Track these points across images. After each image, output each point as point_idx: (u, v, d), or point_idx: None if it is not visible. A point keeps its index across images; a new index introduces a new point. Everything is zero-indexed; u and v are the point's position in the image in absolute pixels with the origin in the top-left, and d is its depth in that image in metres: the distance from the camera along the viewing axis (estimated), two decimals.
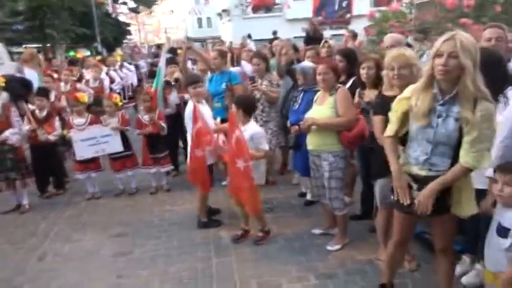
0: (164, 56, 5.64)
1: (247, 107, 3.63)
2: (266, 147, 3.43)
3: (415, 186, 2.17)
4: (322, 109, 3.28)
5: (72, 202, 5.03)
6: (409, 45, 4.14)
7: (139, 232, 4.07)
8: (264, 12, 25.89)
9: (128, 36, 30.59)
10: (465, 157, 1.99)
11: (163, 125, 4.94)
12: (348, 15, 24.08)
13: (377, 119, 2.78)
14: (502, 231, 2.15)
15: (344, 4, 23.59)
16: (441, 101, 2.03)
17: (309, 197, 4.41)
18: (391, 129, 2.29)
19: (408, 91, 2.19)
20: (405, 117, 2.21)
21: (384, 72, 2.73)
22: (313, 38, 7.25)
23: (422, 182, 2.14)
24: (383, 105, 2.74)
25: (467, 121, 1.94)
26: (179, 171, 5.61)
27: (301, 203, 4.45)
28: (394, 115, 2.27)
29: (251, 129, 3.54)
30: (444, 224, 2.26)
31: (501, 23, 3.24)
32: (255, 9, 25.51)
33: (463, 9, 4.85)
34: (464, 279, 2.82)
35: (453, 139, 2.02)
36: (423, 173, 2.14)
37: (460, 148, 2.02)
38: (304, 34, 8.92)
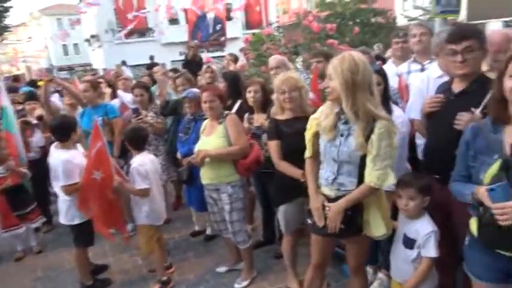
0: (4, 91, 4.54)
1: (132, 140, 3.22)
2: (141, 185, 3.02)
3: (328, 207, 2.14)
4: (212, 139, 3.07)
5: None
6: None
7: None
8: (137, 37, 24.98)
9: None
10: (369, 176, 2.00)
11: (25, 170, 4.05)
12: (223, 38, 24.86)
13: (272, 144, 2.70)
14: (409, 243, 2.22)
15: (218, 27, 24.26)
16: (343, 120, 2.05)
17: (208, 231, 4.13)
18: (307, 150, 2.27)
19: (317, 111, 2.22)
20: (317, 137, 2.21)
21: (274, 96, 2.69)
22: (191, 62, 7.05)
23: (333, 201, 2.12)
24: (276, 130, 2.70)
25: (364, 141, 1.97)
26: (52, 224, 4.70)
27: (201, 240, 4.13)
28: (307, 136, 2.26)
29: (135, 162, 3.13)
30: (356, 244, 2.24)
31: (371, 45, 3.54)
32: (128, 34, 24.46)
33: (327, 31, 5.28)
34: None
35: (356, 158, 2.03)
36: (333, 193, 2.13)
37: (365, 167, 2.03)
38: (182, 58, 8.72)
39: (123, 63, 12.30)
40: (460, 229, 2.02)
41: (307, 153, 2.27)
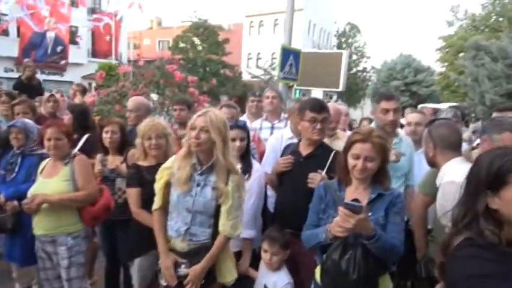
0: None
1: None
2: None
3: (182, 264, 2.10)
4: (54, 182, 2.63)
5: None
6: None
7: None
8: None
9: None
10: (224, 226, 2.08)
11: None
12: (63, 62, 22.50)
13: (132, 192, 2.52)
14: None
15: (58, 49, 21.84)
16: (199, 171, 2.11)
17: None
18: (157, 201, 2.20)
19: (169, 160, 2.21)
20: (168, 188, 2.18)
21: (137, 141, 2.53)
22: (27, 85, 5.98)
23: (187, 256, 2.10)
24: (138, 177, 2.53)
25: (222, 191, 2.06)
26: None
27: None
28: (157, 186, 2.20)
29: None
30: None
31: (219, 94, 3.78)
32: None
33: (188, 81, 5.41)
34: None
35: (210, 208, 2.09)
36: (185, 245, 2.12)
37: (219, 218, 2.09)
38: (10, 75, 7.36)
39: None
40: (307, 279, 2.23)
41: (156, 205, 2.22)
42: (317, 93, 8.88)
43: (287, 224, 2.44)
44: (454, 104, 17.09)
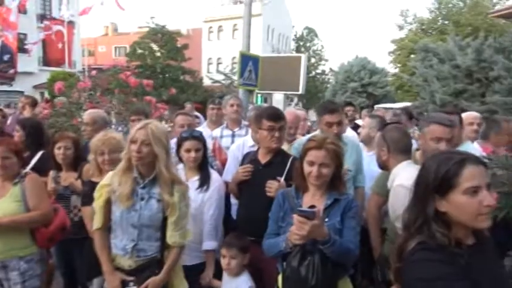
0: None
1: None
2: None
3: (130, 282, 2.05)
4: (3, 203, 2.49)
5: None
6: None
7: None
8: None
9: None
10: (172, 237, 2.08)
11: None
12: (12, 71, 21.33)
13: (87, 211, 2.44)
14: None
15: (6, 58, 20.68)
16: (142, 184, 2.07)
17: None
18: (97, 220, 2.14)
19: (107, 177, 2.15)
20: (108, 206, 2.12)
21: (91, 157, 2.45)
22: None
23: (135, 273, 2.06)
24: (93, 194, 2.43)
25: (168, 203, 2.04)
26: None
27: None
28: (96, 204, 2.14)
29: None
30: None
31: (179, 101, 3.75)
32: None
33: (144, 87, 5.29)
34: None
35: (157, 220, 2.06)
36: (132, 262, 2.07)
37: (166, 230, 2.08)
38: None
39: None
40: (270, 286, 2.25)
41: (97, 225, 2.16)
42: (278, 97, 8.99)
43: (249, 232, 2.45)
44: (408, 103, 17.95)
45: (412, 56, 23.72)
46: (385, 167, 2.45)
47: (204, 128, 4.06)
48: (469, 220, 1.23)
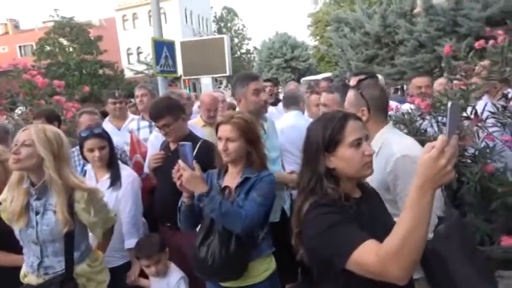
0: None
1: None
2: None
3: None
4: None
5: None
6: None
7: None
8: None
9: None
10: (97, 237, 2.04)
11: None
12: None
13: None
14: None
15: None
16: (35, 196, 1.85)
17: None
18: None
19: (5, 191, 1.91)
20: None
21: None
22: None
23: None
24: None
25: (65, 220, 1.82)
26: None
27: None
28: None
29: None
30: None
31: (101, 96, 3.55)
32: None
33: (55, 87, 4.90)
34: None
35: (59, 234, 1.84)
36: (41, 281, 1.89)
37: (73, 242, 1.93)
38: None
39: None
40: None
41: None
42: (206, 81, 8.90)
43: (165, 218, 2.45)
44: (329, 73, 18.85)
45: (328, 27, 24.78)
46: None
47: (106, 123, 3.80)
48: (356, 171, 1.34)
